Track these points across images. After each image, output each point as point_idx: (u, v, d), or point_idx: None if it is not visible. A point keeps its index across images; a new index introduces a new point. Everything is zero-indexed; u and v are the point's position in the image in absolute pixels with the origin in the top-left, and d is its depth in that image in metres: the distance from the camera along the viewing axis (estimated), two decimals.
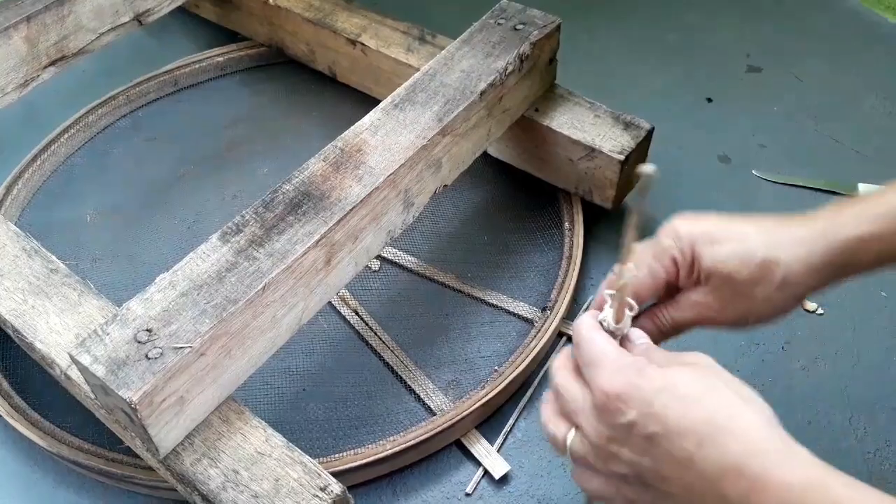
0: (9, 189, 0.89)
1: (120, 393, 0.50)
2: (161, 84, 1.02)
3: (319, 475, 0.54)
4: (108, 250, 0.84)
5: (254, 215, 0.61)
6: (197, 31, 1.11)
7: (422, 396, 0.70)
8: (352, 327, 0.77)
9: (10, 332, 0.66)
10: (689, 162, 0.92)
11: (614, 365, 0.39)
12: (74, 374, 0.60)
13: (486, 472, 0.66)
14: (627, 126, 0.79)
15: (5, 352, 0.74)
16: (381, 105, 0.70)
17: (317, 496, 0.53)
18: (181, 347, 0.53)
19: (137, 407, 0.51)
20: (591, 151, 0.78)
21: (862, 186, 0.88)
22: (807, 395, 0.71)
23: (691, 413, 0.36)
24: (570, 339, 0.76)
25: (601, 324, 0.43)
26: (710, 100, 1.00)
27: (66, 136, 0.95)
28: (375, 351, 0.74)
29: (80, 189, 0.91)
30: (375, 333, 0.76)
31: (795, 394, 0.71)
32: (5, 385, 0.71)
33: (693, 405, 0.37)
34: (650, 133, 0.79)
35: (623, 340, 0.44)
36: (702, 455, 0.35)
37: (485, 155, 0.87)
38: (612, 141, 0.77)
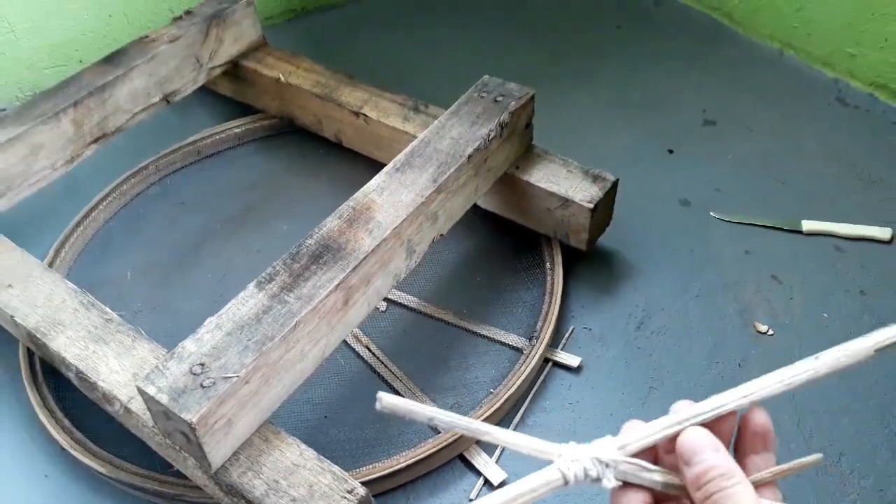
0: (57, 252, 1.00)
1: (182, 416, 0.61)
2: (186, 154, 1.15)
3: (346, 481, 0.65)
4: (148, 303, 0.95)
5: (283, 266, 0.73)
6: (215, 106, 1.24)
7: None
8: (364, 361, 0.88)
9: (72, 374, 0.77)
10: (653, 206, 1.04)
11: None
12: (135, 406, 0.71)
13: (487, 481, 0.76)
14: (595, 179, 0.91)
15: (62, 393, 0.85)
16: (385, 169, 0.82)
17: (345, 498, 0.64)
18: (230, 377, 0.64)
19: (196, 427, 0.61)
20: (566, 201, 0.90)
21: (805, 223, 1.00)
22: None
23: None
24: (555, 364, 0.87)
25: None
26: (671, 151, 1.14)
27: (104, 203, 1.07)
28: (386, 381, 0.85)
29: (118, 250, 1.03)
30: (385, 365, 0.87)
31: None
32: (66, 423, 0.82)
33: None
34: (615, 184, 0.92)
35: None
36: None
37: (475, 207, 0.99)
38: (582, 192, 0.90)
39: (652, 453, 0.39)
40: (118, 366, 0.75)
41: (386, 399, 0.37)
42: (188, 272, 0.99)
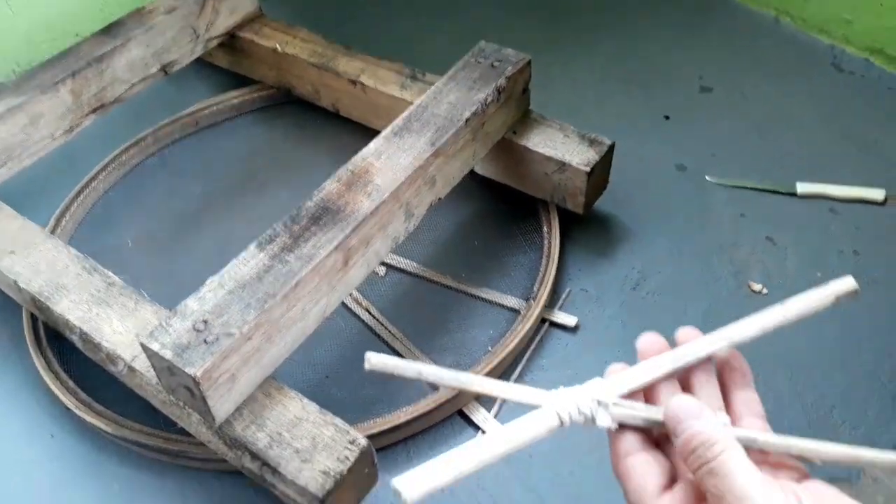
0: (58, 221, 1.01)
1: (186, 370, 0.62)
2: (184, 125, 1.16)
3: (348, 432, 0.66)
4: (149, 271, 0.96)
5: (283, 228, 0.74)
6: (212, 77, 1.24)
7: None
8: (365, 324, 0.89)
9: (75, 337, 0.78)
10: (650, 171, 1.05)
11: None
12: (139, 364, 0.72)
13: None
14: (592, 143, 0.92)
15: (66, 357, 0.86)
16: (383, 134, 0.83)
17: (347, 448, 0.65)
18: (232, 333, 0.65)
19: (200, 381, 0.63)
20: (562, 165, 0.91)
21: (799, 185, 1.01)
22: (755, 360, 0.82)
23: None
24: (552, 324, 0.88)
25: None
26: (667, 117, 1.14)
27: (103, 173, 1.08)
28: (386, 342, 0.87)
29: (119, 219, 1.04)
30: (385, 328, 0.88)
31: (746, 358, 0.83)
32: (71, 384, 0.83)
33: None
34: (611, 147, 0.92)
35: None
36: None
37: (472, 173, 1.00)
38: (579, 156, 0.91)
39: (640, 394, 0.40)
40: (121, 327, 0.76)
41: (374, 358, 0.38)
42: (189, 240, 1.00)
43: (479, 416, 0.79)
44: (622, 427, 0.38)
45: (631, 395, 0.39)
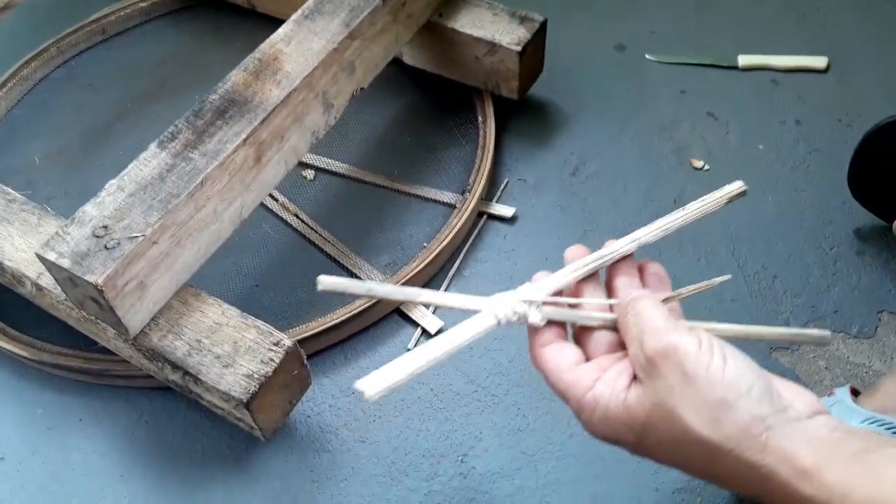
0: None
1: (86, 278, 0.58)
2: (90, 34, 1.06)
3: (272, 334, 0.63)
4: (60, 188, 0.90)
5: (186, 124, 0.68)
6: None
7: (363, 277, 0.79)
8: (294, 230, 0.84)
9: None
10: (587, 53, 1.00)
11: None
12: (45, 281, 0.67)
13: (424, 331, 0.75)
14: (523, 20, 0.87)
15: None
16: (292, 17, 0.76)
17: (272, 350, 0.62)
18: (135, 237, 0.60)
19: (103, 289, 0.58)
20: (493, 46, 0.85)
21: (741, 58, 0.97)
22: (696, 237, 0.81)
23: None
24: (490, 216, 0.85)
25: None
26: None
27: (3, 90, 0.99)
28: (318, 247, 0.83)
29: (24, 137, 0.96)
30: (316, 232, 0.84)
31: (687, 237, 0.81)
32: None
33: None
34: (544, 24, 0.87)
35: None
36: None
37: (402, 64, 0.94)
38: (510, 35, 0.85)
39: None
40: (24, 244, 0.70)
41: (326, 280, 0.41)
42: (102, 153, 0.93)
43: (418, 312, 0.76)
44: (549, 323, 0.43)
45: (555, 296, 0.44)
